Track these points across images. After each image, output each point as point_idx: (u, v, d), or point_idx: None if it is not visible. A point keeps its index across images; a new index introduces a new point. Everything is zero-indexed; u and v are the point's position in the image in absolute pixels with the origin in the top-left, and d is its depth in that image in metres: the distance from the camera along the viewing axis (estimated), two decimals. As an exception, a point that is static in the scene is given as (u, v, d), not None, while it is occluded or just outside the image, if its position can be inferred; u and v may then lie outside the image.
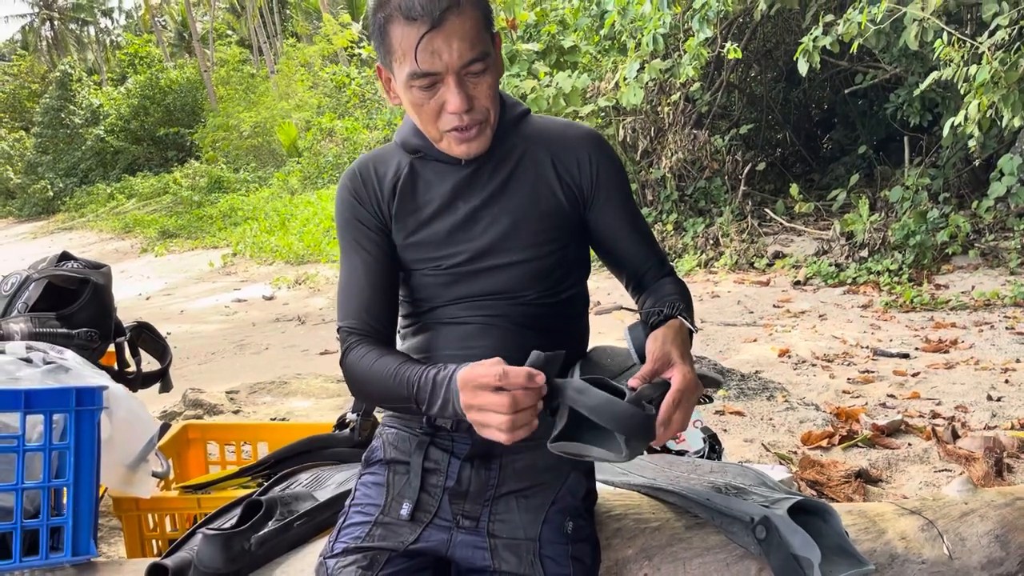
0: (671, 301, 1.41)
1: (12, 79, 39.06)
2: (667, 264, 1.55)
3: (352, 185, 1.46)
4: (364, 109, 18.39)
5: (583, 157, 1.44)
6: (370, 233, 1.44)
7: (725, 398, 3.67)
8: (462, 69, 1.28)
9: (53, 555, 1.51)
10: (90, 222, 22.44)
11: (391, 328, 1.44)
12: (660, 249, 1.55)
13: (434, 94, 1.30)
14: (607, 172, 1.46)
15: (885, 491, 2.64)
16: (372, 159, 1.49)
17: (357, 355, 1.37)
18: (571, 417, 1.20)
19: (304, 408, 3.91)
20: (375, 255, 1.43)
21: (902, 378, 4.07)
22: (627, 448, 1.17)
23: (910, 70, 7.48)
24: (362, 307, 1.40)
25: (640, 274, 1.53)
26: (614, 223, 1.48)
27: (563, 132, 1.48)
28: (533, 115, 1.51)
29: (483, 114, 1.34)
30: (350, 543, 1.34)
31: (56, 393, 1.51)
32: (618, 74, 8.37)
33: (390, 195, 1.44)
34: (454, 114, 1.31)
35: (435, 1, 1.24)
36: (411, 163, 1.45)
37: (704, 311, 6.09)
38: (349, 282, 1.43)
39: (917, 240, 6.51)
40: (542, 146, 1.45)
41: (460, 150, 1.37)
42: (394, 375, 1.30)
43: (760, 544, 1.42)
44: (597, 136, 1.49)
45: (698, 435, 2.33)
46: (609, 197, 1.46)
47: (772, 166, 9.53)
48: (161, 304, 9.42)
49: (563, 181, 1.44)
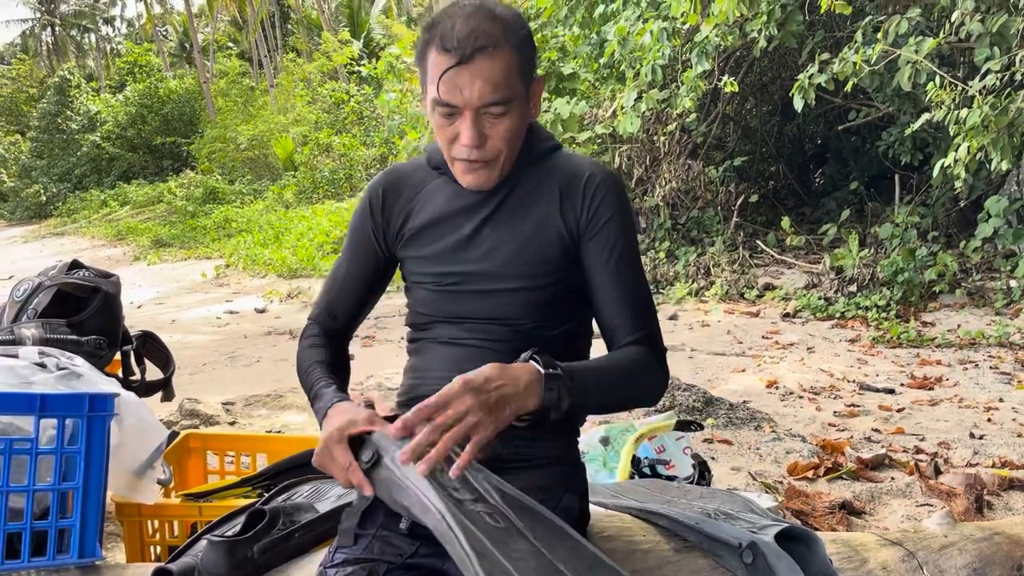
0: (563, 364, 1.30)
1: (10, 83, 39.06)
2: (643, 332, 1.44)
3: (372, 197, 1.56)
4: (362, 126, 18.49)
5: (588, 190, 1.46)
6: (367, 247, 1.57)
7: (713, 427, 3.72)
8: (480, 108, 1.35)
9: (60, 556, 1.55)
10: (82, 228, 22.40)
11: (348, 327, 1.63)
12: (647, 314, 1.46)
13: (452, 123, 1.37)
14: (606, 211, 1.45)
15: (868, 523, 2.70)
16: (397, 174, 1.58)
17: (304, 335, 1.60)
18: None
19: (299, 422, 3.94)
20: (362, 264, 1.58)
21: (887, 413, 4.14)
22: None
23: (902, 109, 7.61)
24: (327, 307, 1.61)
25: (611, 332, 1.46)
26: (598, 265, 1.45)
27: (578, 168, 1.49)
28: (564, 151, 1.54)
29: (493, 153, 1.40)
30: (349, 554, 1.37)
31: (70, 398, 1.55)
32: (616, 102, 8.48)
33: (404, 211, 1.53)
34: (464, 147, 1.38)
35: (472, 39, 1.31)
36: (431, 180, 1.53)
37: (694, 340, 6.16)
38: (331, 281, 1.62)
39: (905, 277, 6.59)
40: (556, 180, 1.48)
41: (464, 180, 1.44)
42: (307, 369, 1.52)
43: (747, 568, 1.47)
44: (610, 177, 1.48)
45: (687, 461, 2.39)
46: (599, 237, 1.44)
47: (765, 198, 9.64)
48: (152, 313, 9.42)
49: (566, 215, 1.46)
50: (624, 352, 1.43)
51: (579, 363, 1.38)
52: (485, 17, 1.34)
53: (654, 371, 1.44)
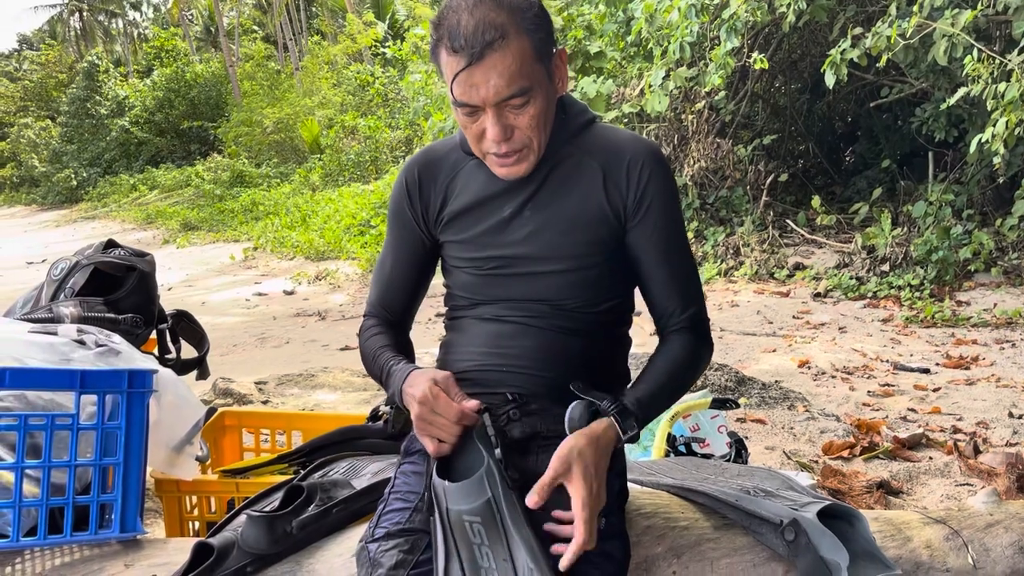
0: (630, 398, 1.36)
1: (40, 68, 39.46)
2: (691, 311, 1.47)
3: (408, 179, 1.53)
4: (387, 108, 18.47)
5: (633, 169, 1.42)
6: (412, 230, 1.53)
7: (746, 406, 3.69)
8: (500, 103, 1.31)
9: (102, 531, 1.56)
10: (112, 212, 22.64)
11: (405, 316, 1.60)
12: (693, 291, 1.48)
13: (475, 120, 1.35)
14: (653, 191, 1.42)
15: (906, 502, 2.67)
16: (432, 155, 1.54)
17: (363, 328, 1.58)
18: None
19: (331, 401, 3.97)
20: (409, 251, 1.54)
21: (923, 393, 4.08)
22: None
23: (937, 85, 7.46)
24: (379, 300, 1.58)
25: (660, 315, 1.48)
26: (646, 248, 1.44)
27: (621, 144, 1.45)
28: (599, 124, 1.50)
29: (523, 143, 1.36)
30: (391, 528, 1.36)
31: (110, 375, 1.56)
32: (643, 81, 8.39)
33: (441, 193, 1.50)
34: (492, 143, 1.35)
35: (478, 35, 1.26)
36: (465, 163, 1.49)
37: (723, 320, 6.11)
38: (379, 273, 1.59)
39: (939, 256, 6.49)
40: (597, 158, 1.44)
41: (500, 172, 1.41)
42: (373, 355, 1.50)
43: (788, 546, 1.45)
44: (655, 151, 1.45)
45: (723, 439, 2.36)
46: (648, 215, 1.42)
47: (794, 177, 9.52)
48: (182, 295, 9.51)
49: (610, 194, 1.43)
50: (675, 349, 1.46)
51: (647, 394, 1.39)
52: (490, 6, 1.28)
53: (705, 354, 1.50)
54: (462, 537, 1.26)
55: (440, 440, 1.34)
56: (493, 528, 1.25)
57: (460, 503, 1.26)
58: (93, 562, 1.55)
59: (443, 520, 1.27)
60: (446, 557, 1.26)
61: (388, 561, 1.31)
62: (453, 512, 1.26)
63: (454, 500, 1.26)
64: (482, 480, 1.26)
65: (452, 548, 1.26)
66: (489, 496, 1.25)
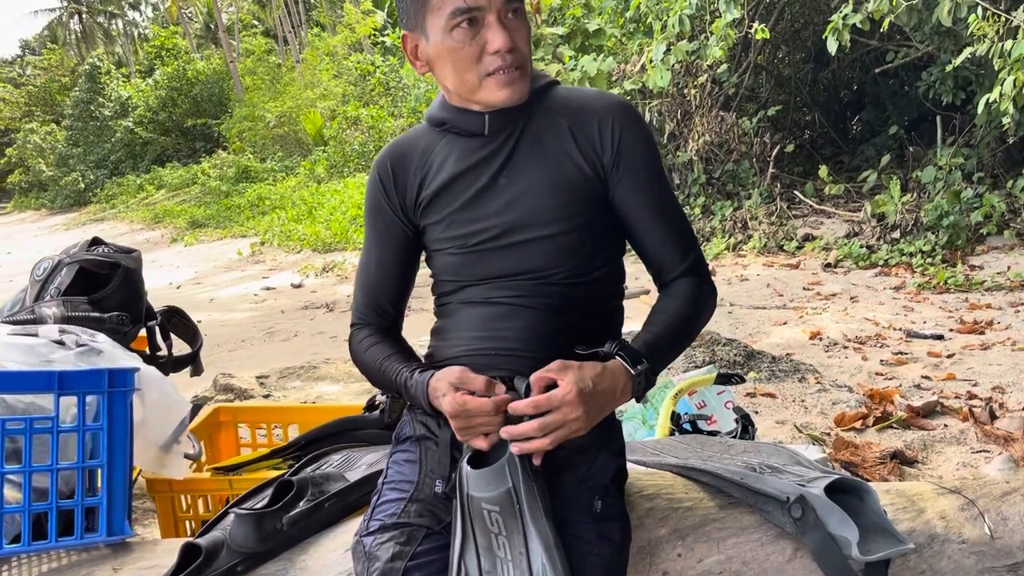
0: (637, 341, 1.32)
1: (43, 73, 39.55)
2: (691, 257, 1.43)
3: (381, 174, 1.48)
4: (389, 97, 18.40)
5: (605, 125, 1.38)
6: (391, 225, 1.49)
7: (756, 380, 3.63)
8: (504, 7, 1.30)
9: (88, 535, 1.52)
10: (121, 213, 22.72)
11: (396, 316, 1.55)
12: (689, 238, 1.45)
13: (475, 34, 1.31)
14: (629, 142, 1.38)
15: (922, 472, 2.61)
16: (400, 147, 1.49)
17: (355, 340, 1.52)
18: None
19: (333, 392, 3.93)
20: (392, 248, 1.50)
21: (936, 359, 4.01)
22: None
23: (942, 48, 7.33)
24: (367, 304, 1.52)
25: (659, 266, 1.44)
26: (634, 201, 1.40)
27: (586, 101, 1.42)
28: (561, 87, 1.47)
29: (523, 58, 1.34)
30: (386, 520, 1.32)
31: (89, 375, 1.51)
32: (644, 57, 8.29)
33: (417, 179, 1.45)
34: (497, 53, 1.31)
35: None
36: (437, 142, 1.45)
37: (733, 294, 6.04)
38: (363, 276, 1.53)
39: (950, 220, 6.40)
40: (562, 116, 1.40)
41: (503, 95, 1.34)
42: (379, 368, 1.44)
43: (796, 523, 1.40)
44: (623, 104, 1.42)
45: (730, 415, 2.30)
46: (630, 170, 1.39)
47: (801, 148, 9.41)
48: (191, 293, 9.51)
49: (583, 150, 1.38)
50: (679, 294, 1.41)
51: (654, 336, 1.35)
52: None
53: (708, 299, 1.44)
54: (480, 524, 1.24)
55: (487, 433, 1.29)
56: (511, 518, 1.23)
57: (480, 490, 1.24)
58: (81, 567, 1.51)
59: (463, 505, 1.25)
60: (462, 541, 1.24)
61: (384, 554, 1.27)
62: (474, 499, 1.24)
63: (475, 487, 1.24)
64: (503, 469, 1.23)
65: (470, 533, 1.24)
66: (510, 485, 1.23)
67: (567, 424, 1.21)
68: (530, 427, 1.21)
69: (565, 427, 1.22)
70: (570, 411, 1.21)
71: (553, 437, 1.21)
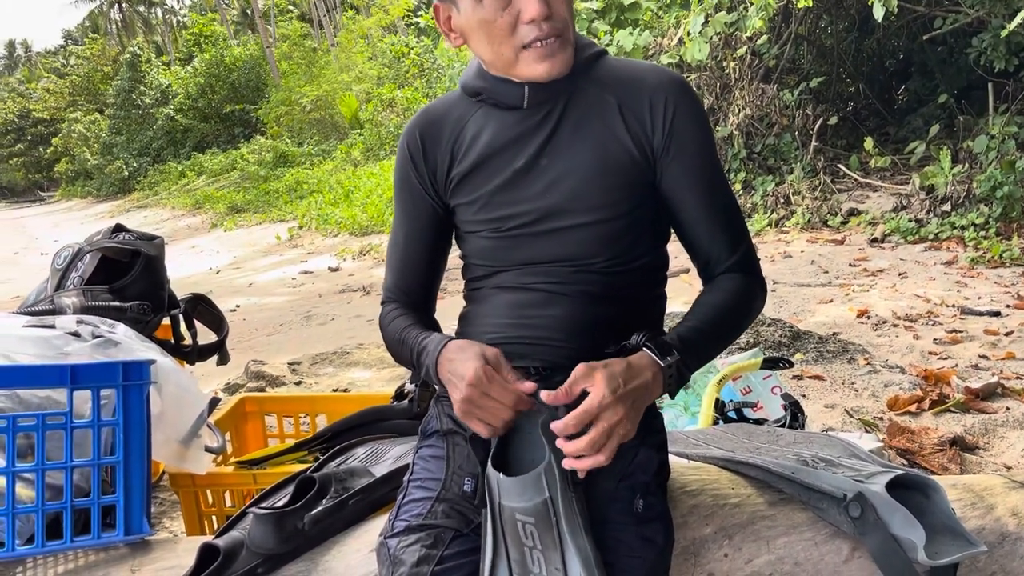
0: (671, 333, 1.23)
1: (85, 63, 40.12)
2: (741, 251, 1.33)
3: (409, 144, 1.38)
4: (423, 78, 18.31)
5: (657, 103, 1.27)
6: (420, 201, 1.39)
7: (803, 362, 3.50)
8: None
9: (105, 534, 1.46)
10: (163, 200, 23.01)
11: (427, 298, 1.46)
12: (740, 230, 1.34)
13: (508, 3, 1.21)
14: (683, 123, 1.27)
15: (984, 459, 2.46)
16: (431, 115, 1.39)
17: (383, 313, 1.44)
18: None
19: (365, 378, 3.87)
20: (422, 223, 1.40)
21: (994, 337, 3.83)
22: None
23: (994, 12, 7.04)
24: (397, 284, 1.44)
25: (706, 261, 1.34)
26: (682, 186, 1.30)
27: (639, 76, 1.30)
28: (611, 58, 1.35)
29: (562, 25, 1.23)
30: (412, 521, 1.24)
31: (102, 368, 1.45)
32: (682, 30, 8.09)
33: (448, 153, 1.35)
34: (533, 22, 1.20)
35: None
36: (472, 113, 1.35)
37: (776, 272, 5.87)
38: (393, 253, 1.45)
39: (1005, 191, 6.15)
40: (611, 91, 1.29)
41: (541, 68, 1.24)
42: (400, 339, 1.35)
43: (854, 523, 1.29)
44: (679, 81, 1.30)
45: (777, 401, 2.19)
46: (681, 153, 1.28)
47: (844, 120, 9.14)
48: (231, 277, 9.56)
49: (632, 131, 1.28)
50: (724, 288, 1.31)
51: (689, 328, 1.25)
52: None
53: (756, 296, 1.34)
54: (513, 537, 1.13)
55: (488, 423, 1.19)
56: (548, 532, 1.12)
57: (514, 500, 1.13)
58: (98, 568, 1.45)
59: (495, 515, 1.15)
60: (494, 554, 1.15)
61: (410, 558, 1.19)
62: (506, 509, 1.13)
63: (508, 496, 1.13)
64: (540, 478, 1.12)
65: (502, 545, 1.14)
66: (547, 496, 1.12)
67: (614, 431, 1.11)
68: (580, 445, 1.10)
69: (614, 435, 1.11)
70: (612, 415, 1.11)
71: (608, 450, 1.11)
